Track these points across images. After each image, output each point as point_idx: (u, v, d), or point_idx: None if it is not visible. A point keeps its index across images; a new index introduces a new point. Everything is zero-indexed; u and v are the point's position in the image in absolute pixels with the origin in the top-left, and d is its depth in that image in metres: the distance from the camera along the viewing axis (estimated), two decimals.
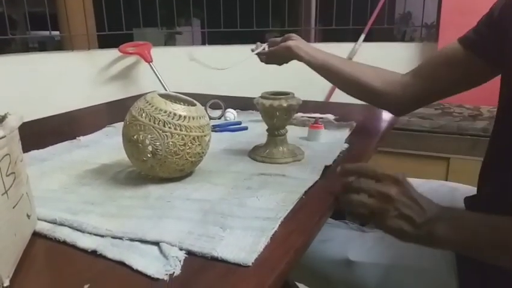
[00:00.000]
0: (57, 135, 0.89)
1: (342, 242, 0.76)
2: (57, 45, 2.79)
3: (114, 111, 1.26)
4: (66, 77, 1.94)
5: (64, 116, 1.17)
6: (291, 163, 0.72)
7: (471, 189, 0.80)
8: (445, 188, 0.87)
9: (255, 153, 0.74)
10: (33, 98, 1.78)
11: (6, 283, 0.39)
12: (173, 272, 0.42)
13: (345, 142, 0.82)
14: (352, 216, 0.77)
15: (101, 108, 1.33)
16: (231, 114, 1.06)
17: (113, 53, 2.07)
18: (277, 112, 0.70)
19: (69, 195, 0.60)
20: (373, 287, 0.70)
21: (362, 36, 2.21)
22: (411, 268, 0.68)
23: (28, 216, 0.47)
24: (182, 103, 0.65)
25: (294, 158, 0.73)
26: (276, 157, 0.72)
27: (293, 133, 0.84)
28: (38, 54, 2.09)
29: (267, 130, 0.75)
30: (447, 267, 0.66)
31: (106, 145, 0.83)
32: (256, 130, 0.92)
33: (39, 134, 0.98)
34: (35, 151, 0.78)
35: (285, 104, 0.69)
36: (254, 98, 0.74)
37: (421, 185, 0.83)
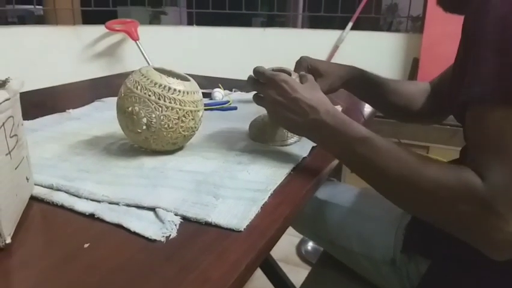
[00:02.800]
0: (43, 108, 0.89)
1: None
2: (38, 20, 2.71)
3: (100, 87, 1.25)
4: (50, 51, 1.91)
5: (49, 90, 1.16)
6: None
7: None
8: None
9: (257, 135, 0.73)
10: (15, 71, 1.74)
11: (8, 240, 0.41)
12: (170, 235, 0.44)
13: None
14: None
15: (86, 84, 1.33)
16: (219, 94, 1.07)
17: (99, 29, 2.03)
18: None
19: (63, 163, 0.61)
20: (333, 225, 0.81)
21: (350, 24, 2.23)
22: (368, 215, 0.78)
23: (27, 179, 0.48)
24: (176, 78, 0.66)
25: (291, 139, 0.72)
26: (277, 140, 0.71)
27: None
28: (22, 27, 2.03)
29: None
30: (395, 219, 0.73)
31: (97, 118, 0.84)
32: (246, 110, 0.94)
33: (25, 106, 0.97)
34: (26, 121, 0.78)
35: None
36: (240, 79, 0.74)
37: None
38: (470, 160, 0.48)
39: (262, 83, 0.64)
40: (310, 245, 1.68)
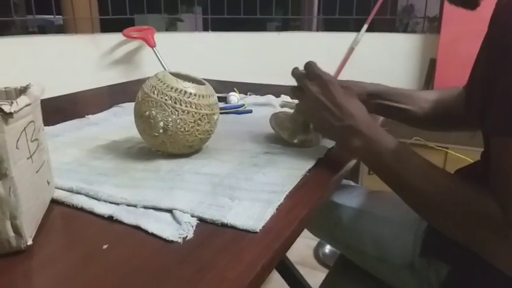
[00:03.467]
0: (64, 114, 0.91)
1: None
2: (57, 30, 2.79)
3: (118, 93, 1.27)
4: (70, 59, 1.95)
5: (68, 96, 1.19)
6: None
7: None
8: None
9: (276, 126, 0.73)
10: (36, 79, 1.79)
11: (30, 242, 0.42)
12: (187, 236, 0.45)
13: None
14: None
15: (104, 90, 1.35)
16: (234, 97, 1.08)
17: (117, 37, 2.07)
18: None
19: (82, 167, 0.62)
20: (349, 228, 0.80)
21: (365, 26, 2.22)
22: (385, 218, 0.76)
23: (48, 182, 0.49)
24: (192, 82, 0.67)
25: (309, 142, 0.72)
26: (296, 139, 0.71)
27: None
28: (42, 36, 2.09)
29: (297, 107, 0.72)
30: (414, 223, 0.71)
31: (115, 123, 0.85)
32: (261, 113, 0.94)
33: (46, 112, 1.00)
34: (47, 127, 0.80)
35: None
36: (255, 83, 0.74)
37: None
38: (492, 186, 0.48)
39: (307, 79, 0.65)
40: (328, 248, 1.67)
